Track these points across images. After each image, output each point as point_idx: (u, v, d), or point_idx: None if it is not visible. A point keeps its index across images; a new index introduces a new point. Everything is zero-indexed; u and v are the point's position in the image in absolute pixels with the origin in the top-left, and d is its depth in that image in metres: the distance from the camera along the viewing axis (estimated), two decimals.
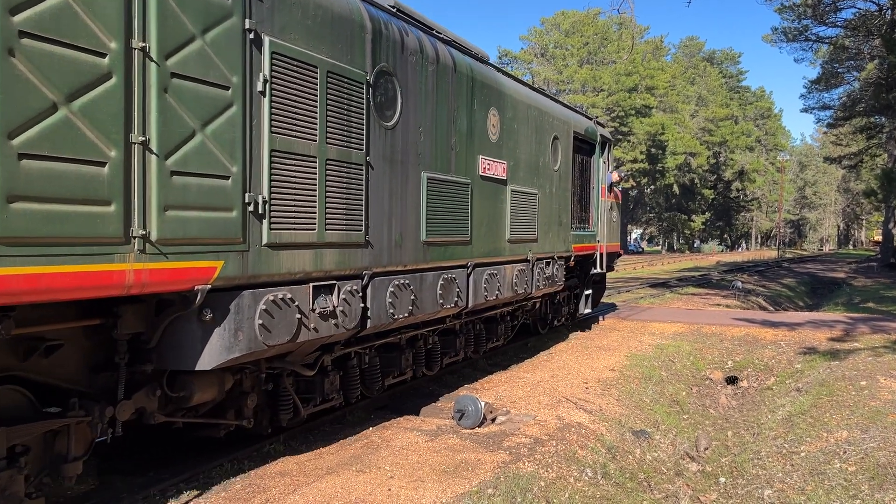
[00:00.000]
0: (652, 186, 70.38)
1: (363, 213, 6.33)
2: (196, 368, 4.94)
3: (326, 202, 5.83)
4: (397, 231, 6.91)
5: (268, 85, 5.17)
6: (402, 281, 6.90)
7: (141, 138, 4.26)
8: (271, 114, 5.22)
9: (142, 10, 4.26)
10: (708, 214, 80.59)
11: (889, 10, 34.31)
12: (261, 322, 5.10)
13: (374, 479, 5.80)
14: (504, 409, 8.08)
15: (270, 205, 5.23)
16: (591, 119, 13.63)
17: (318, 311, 5.69)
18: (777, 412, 9.71)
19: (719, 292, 24.52)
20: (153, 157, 4.36)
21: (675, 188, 70.68)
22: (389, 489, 5.57)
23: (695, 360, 12.63)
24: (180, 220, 4.54)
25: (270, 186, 5.23)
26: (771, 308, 24.05)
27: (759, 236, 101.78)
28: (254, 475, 5.88)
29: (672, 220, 76.06)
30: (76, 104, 3.92)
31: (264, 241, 5.20)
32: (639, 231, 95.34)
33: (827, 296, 31.83)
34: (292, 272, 5.50)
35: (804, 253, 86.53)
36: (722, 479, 7.98)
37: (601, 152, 13.75)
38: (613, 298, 21.15)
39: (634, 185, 67.86)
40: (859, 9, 35.50)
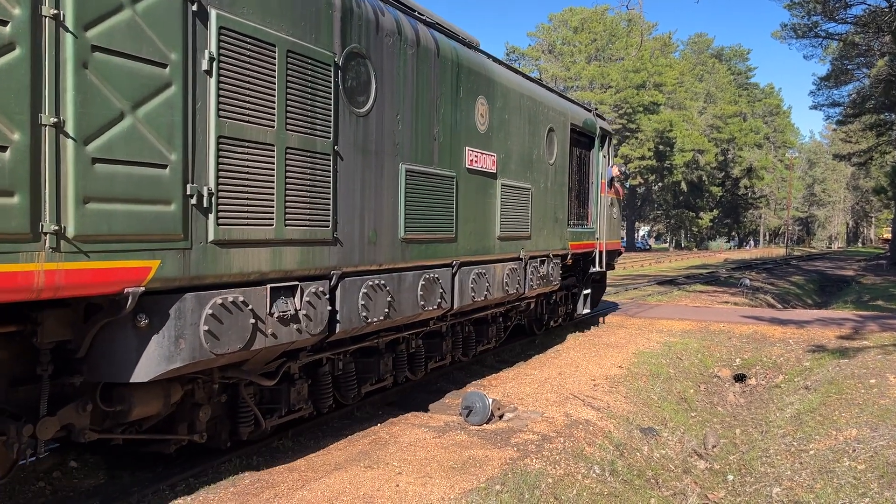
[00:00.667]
0: (660, 184, 70.23)
1: (330, 207, 5.80)
2: (131, 381, 4.41)
3: (287, 195, 5.29)
4: (371, 227, 6.39)
5: (215, 64, 4.63)
6: (376, 281, 6.40)
7: (53, 120, 3.73)
8: (219, 96, 4.68)
9: None
10: (716, 212, 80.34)
11: None
12: (207, 328, 4.59)
13: (383, 474, 5.81)
14: (512, 405, 8.08)
15: (218, 197, 4.70)
16: (590, 111, 13.07)
17: (276, 316, 5.18)
18: (786, 410, 9.67)
19: (727, 290, 24.46)
20: (69, 141, 3.82)
21: (683, 185, 70.47)
22: (397, 485, 5.58)
23: (703, 358, 12.60)
24: (104, 215, 4.01)
25: (218, 177, 4.70)
26: (779, 306, 23.97)
27: (767, 234, 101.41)
28: (262, 470, 5.90)
29: (680, 218, 75.80)
30: None
31: (211, 237, 4.67)
32: (646, 228, 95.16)
33: (836, 294, 31.74)
34: (246, 272, 4.98)
35: (813, 251, 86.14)
36: (730, 477, 7.96)
37: (601, 146, 13.18)
38: (621, 296, 21.12)
39: (642, 182, 67.69)
40: (869, 5, 35.22)
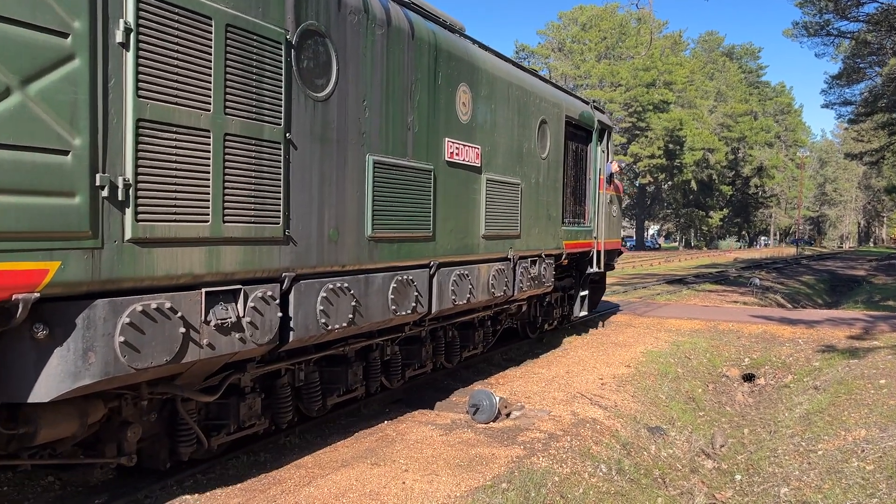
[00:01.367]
0: (669, 182, 70.00)
1: (281, 202, 5.21)
2: (29, 401, 3.84)
3: (226, 187, 4.72)
4: (331, 224, 5.79)
5: (132, 36, 4.04)
6: (338, 284, 5.79)
7: None
8: (138, 73, 4.09)
9: None
10: (726, 211, 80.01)
11: None
12: (123, 339, 4.01)
13: (389, 472, 5.82)
14: (519, 404, 8.08)
15: (138, 189, 4.12)
16: (587, 103, 12.39)
17: (214, 324, 4.61)
18: (794, 410, 9.63)
19: (737, 289, 24.38)
20: None
21: (693, 184, 70.20)
22: (404, 482, 5.59)
23: (711, 357, 12.56)
24: None
25: (137, 165, 4.10)
26: (789, 305, 23.86)
27: (777, 233, 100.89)
28: (270, 467, 5.92)
29: (689, 217, 75.51)
30: None
31: (128, 235, 4.08)
32: (656, 227, 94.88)
33: (846, 294, 31.60)
34: (174, 275, 4.40)
35: (823, 250, 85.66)
36: (738, 477, 7.94)
37: (599, 140, 12.51)
38: (629, 295, 21.08)
39: (652, 180, 67.48)
40: (882, 3, 34.88)
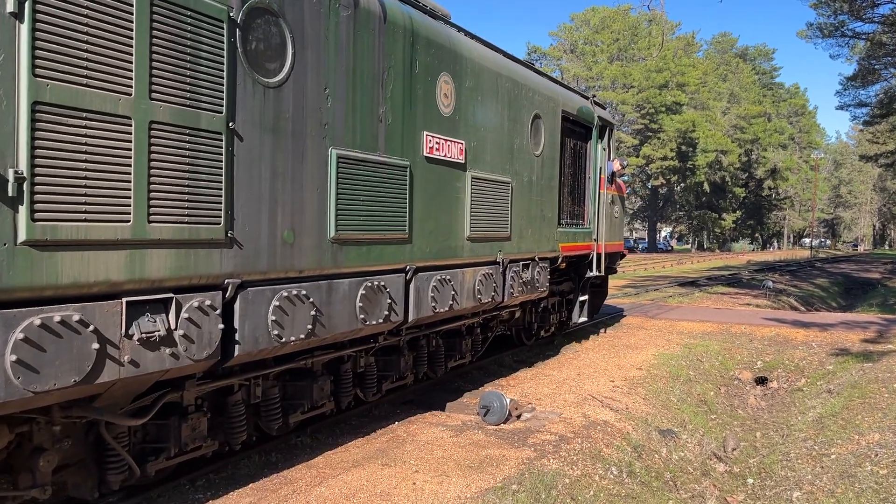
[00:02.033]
0: (682, 184, 69.70)
1: (222, 199, 4.63)
2: None
3: (152, 183, 4.16)
4: (286, 226, 5.21)
5: (27, 5, 3.52)
6: (294, 291, 5.22)
7: None
8: (34, 48, 3.55)
9: None
10: (739, 213, 79.55)
11: None
12: (16, 358, 3.48)
13: (400, 472, 5.84)
14: (529, 405, 8.08)
15: (34, 184, 3.59)
16: (587, 98, 11.78)
17: (138, 338, 4.09)
18: (807, 414, 9.57)
19: (749, 292, 24.27)
20: None
21: (706, 186, 69.87)
22: (414, 483, 5.61)
23: (723, 360, 12.50)
24: None
25: (33, 157, 3.57)
26: (803, 308, 23.73)
27: (791, 235, 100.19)
28: (281, 466, 5.95)
29: (702, 219, 75.09)
30: None
31: (22, 237, 3.52)
32: (668, 229, 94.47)
33: (861, 297, 31.38)
34: (85, 283, 3.84)
35: (838, 253, 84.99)
36: (750, 481, 7.90)
37: (600, 137, 11.90)
38: (641, 297, 21.02)
39: (664, 182, 67.20)
40: None
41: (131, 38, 4.00)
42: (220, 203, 4.63)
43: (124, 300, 4.04)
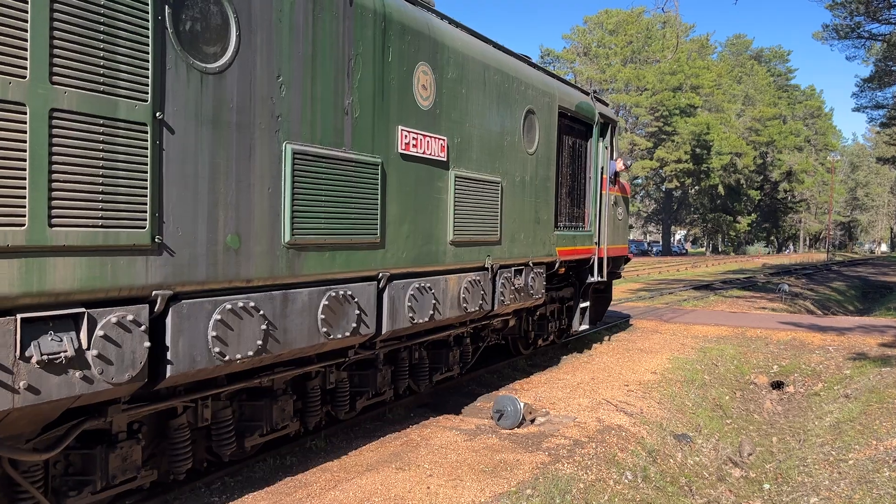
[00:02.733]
0: (696, 187, 69.36)
1: (148, 200, 4.03)
2: None
3: (54, 180, 3.59)
4: (230, 229, 4.62)
5: None
6: (241, 304, 4.67)
7: None
8: None
9: None
10: (754, 216, 79.06)
11: None
12: None
13: (414, 476, 5.85)
14: (543, 410, 8.06)
15: None
16: (587, 93, 11.11)
17: (37, 360, 3.53)
18: (824, 418, 9.50)
19: (765, 295, 24.11)
20: None
21: (721, 189, 69.51)
22: (428, 487, 5.61)
23: (739, 364, 12.42)
24: None
25: None
26: (819, 312, 23.55)
27: (807, 239, 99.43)
28: (296, 470, 5.97)
29: (717, 222, 74.73)
30: None
31: None
32: (683, 232, 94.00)
33: (878, 300, 31.08)
34: None
35: (855, 256, 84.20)
36: (766, 486, 7.84)
37: (601, 135, 11.28)
38: (656, 301, 20.92)
39: (678, 185, 66.90)
40: None
41: (25, 9, 3.43)
42: (146, 204, 4.04)
43: (18, 317, 3.48)
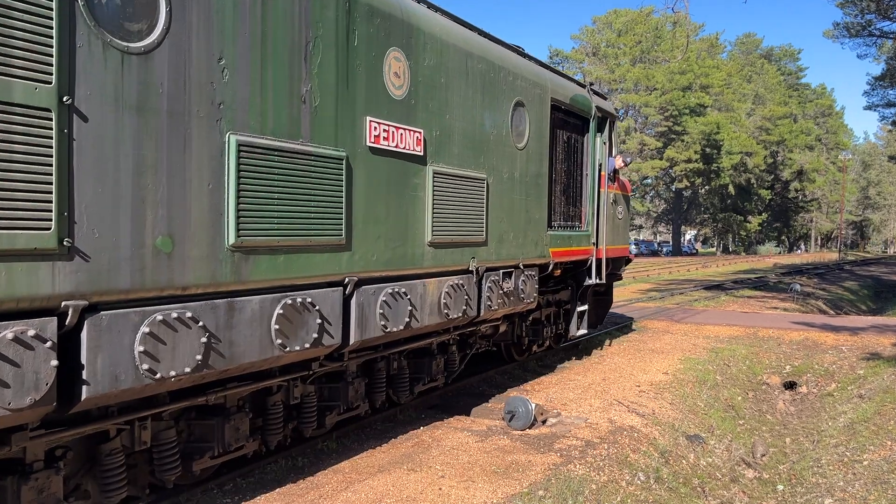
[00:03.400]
0: (706, 187, 69.12)
1: (53, 196, 3.52)
2: None
3: None
4: (160, 230, 4.09)
5: None
6: (175, 314, 4.15)
7: None
8: None
9: None
10: (765, 215, 78.73)
11: None
12: None
13: (426, 478, 5.85)
14: (555, 411, 8.03)
15: None
16: (583, 86, 10.58)
17: None
18: (838, 419, 9.43)
19: (776, 295, 23.99)
20: None
21: (731, 188, 69.28)
22: (440, 488, 5.61)
23: (751, 365, 12.35)
24: None
25: None
26: (831, 312, 23.41)
27: (818, 238, 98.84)
28: (308, 471, 5.99)
29: (727, 221, 74.42)
30: None
31: None
32: (693, 232, 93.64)
33: (892, 300, 30.89)
34: None
35: (867, 255, 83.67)
36: (780, 487, 7.79)
37: (599, 130, 10.79)
38: (666, 301, 20.85)
39: (689, 185, 66.66)
40: None
41: None
42: (51, 202, 3.52)
43: None
